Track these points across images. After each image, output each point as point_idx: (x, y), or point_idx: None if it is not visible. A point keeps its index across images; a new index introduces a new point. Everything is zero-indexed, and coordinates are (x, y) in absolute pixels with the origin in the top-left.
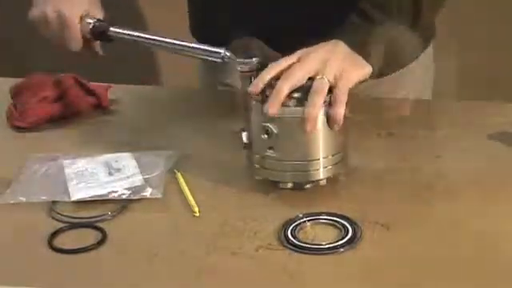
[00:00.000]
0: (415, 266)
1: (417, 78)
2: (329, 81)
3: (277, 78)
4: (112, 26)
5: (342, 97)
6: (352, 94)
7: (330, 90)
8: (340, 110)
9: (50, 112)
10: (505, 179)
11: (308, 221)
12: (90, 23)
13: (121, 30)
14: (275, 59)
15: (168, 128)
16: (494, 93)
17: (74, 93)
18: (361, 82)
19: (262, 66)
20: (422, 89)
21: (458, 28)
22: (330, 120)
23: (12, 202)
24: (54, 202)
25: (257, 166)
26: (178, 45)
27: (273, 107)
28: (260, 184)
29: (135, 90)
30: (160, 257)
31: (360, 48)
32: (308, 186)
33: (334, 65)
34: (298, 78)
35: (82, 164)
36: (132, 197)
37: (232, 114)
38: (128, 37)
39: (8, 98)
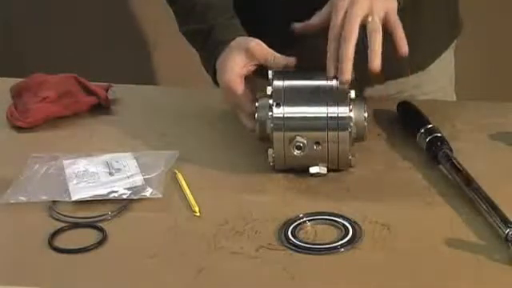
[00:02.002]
0: (415, 266)
1: (437, 74)
2: (379, 19)
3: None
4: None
5: (398, 24)
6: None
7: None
8: (403, 34)
9: (50, 112)
10: (505, 179)
11: (308, 221)
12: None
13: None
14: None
15: (168, 128)
16: (494, 93)
17: (74, 93)
18: None
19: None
20: (444, 85)
21: (464, 28)
22: (398, 46)
23: (12, 201)
24: (54, 202)
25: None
26: None
27: (347, 73)
28: (260, 184)
29: (135, 90)
30: (160, 257)
31: None
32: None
33: (377, 6)
34: (355, 34)
35: (82, 164)
36: (132, 197)
37: (232, 114)
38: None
39: (8, 98)
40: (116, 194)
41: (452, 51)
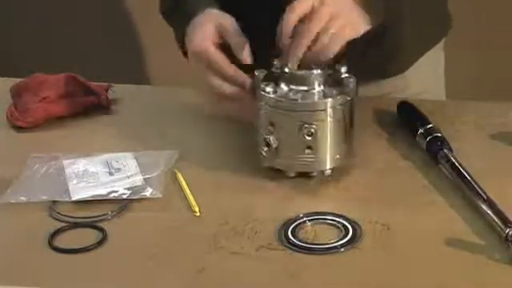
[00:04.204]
0: (415, 266)
1: (426, 75)
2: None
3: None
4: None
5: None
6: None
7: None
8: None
9: (50, 112)
10: (505, 179)
11: (308, 221)
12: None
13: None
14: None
15: (168, 128)
16: (494, 92)
17: (73, 93)
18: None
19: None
20: (433, 86)
21: (456, 27)
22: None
23: (12, 201)
24: (54, 202)
25: (264, 154)
26: None
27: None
28: (260, 184)
29: (135, 90)
30: (160, 257)
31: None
32: (314, 173)
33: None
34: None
35: (82, 164)
36: (132, 197)
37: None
38: None
39: (8, 98)
40: (116, 194)
41: (441, 51)
